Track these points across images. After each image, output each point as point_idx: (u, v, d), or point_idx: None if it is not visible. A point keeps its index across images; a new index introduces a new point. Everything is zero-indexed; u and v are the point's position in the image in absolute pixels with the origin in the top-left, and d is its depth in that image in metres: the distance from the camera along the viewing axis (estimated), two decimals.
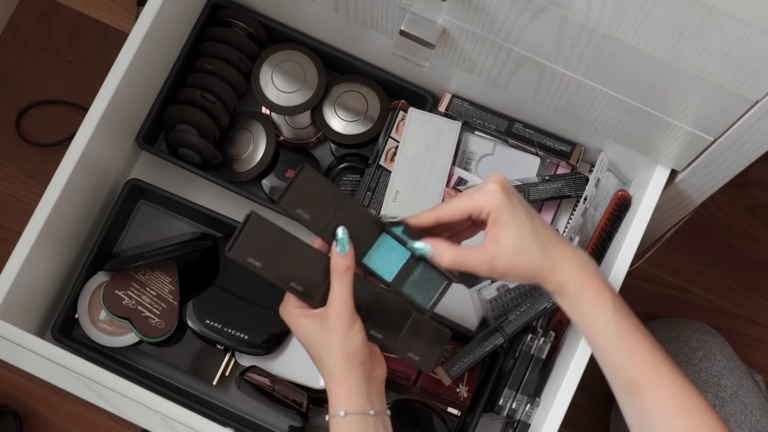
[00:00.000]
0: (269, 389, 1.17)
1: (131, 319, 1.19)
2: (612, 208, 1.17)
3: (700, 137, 1.00)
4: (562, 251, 0.91)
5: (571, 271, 0.90)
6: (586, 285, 0.90)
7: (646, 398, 0.88)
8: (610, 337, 0.90)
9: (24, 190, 1.52)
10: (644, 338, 0.91)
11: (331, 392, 0.90)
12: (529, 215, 0.91)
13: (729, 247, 1.59)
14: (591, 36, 0.90)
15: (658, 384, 0.89)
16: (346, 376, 0.89)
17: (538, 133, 1.20)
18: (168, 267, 1.21)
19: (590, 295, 0.90)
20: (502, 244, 0.89)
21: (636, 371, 0.89)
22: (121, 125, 1.20)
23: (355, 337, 0.89)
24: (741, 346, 1.51)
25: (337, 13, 1.11)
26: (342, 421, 0.88)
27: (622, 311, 0.91)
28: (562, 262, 0.90)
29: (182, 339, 1.23)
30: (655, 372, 0.89)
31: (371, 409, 0.89)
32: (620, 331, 0.90)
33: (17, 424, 1.44)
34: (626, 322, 0.91)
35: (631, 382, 0.89)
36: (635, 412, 0.90)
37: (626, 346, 0.90)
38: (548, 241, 0.91)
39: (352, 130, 1.25)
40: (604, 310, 0.90)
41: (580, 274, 0.90)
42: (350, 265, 0.90)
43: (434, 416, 1.17)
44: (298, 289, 0.91)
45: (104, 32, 1.56)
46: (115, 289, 1.19)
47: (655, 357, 0.90)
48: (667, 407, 0.88)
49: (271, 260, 0.89)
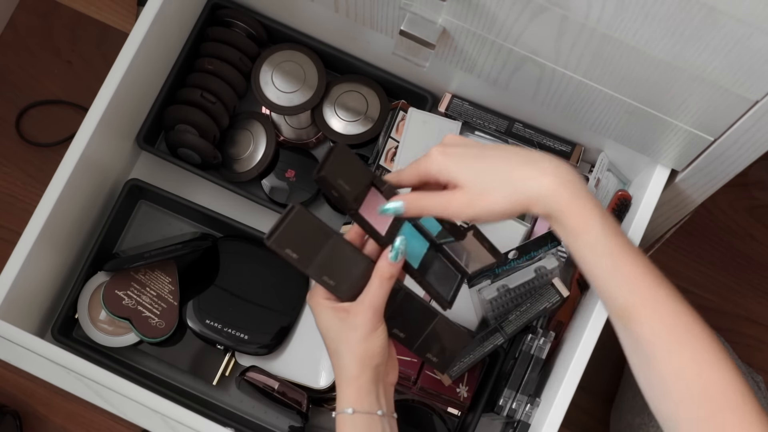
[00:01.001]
0: (269, 389, 1.17)
1: (131, 319, 1.19)
2: (612, 208, 1.17)
3: (700, 137, 1.00)
4: (530, 173, 0.84)
5: (549, 189, 0.83)
6: (568, 203, 0.83)
7: (641, 326, 0.82)
8: (598, 260, 0.83)
9: (24, 190, 1.52)
10: (636, 260, 0.82)
11: (340, 389, 0.89)
12: (477, 155, 0.86)
13: (729, 247, 1.59)
14: (591, 36, 0.90)
15: (653, 311, 0.82)
16: (359, 376, 0.89)
17: (538, 133, 1.20)
18: (168, 267, 1.21)
19: (574, 214, 0.83)
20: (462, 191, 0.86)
21: (629, 297, 0.82)
22: (121, 125, 1.20)
23: (377, 340, 0.89)
24: (741, 346, 1.51)
25: (337, 13, 1.11)
26: (349, 419, 0.88)
27: (611, 230, 0.83)
28: (536, 183, 0.83)
29: (182, 339, 1.23)
30: (650, 298, 0.82)
31: (379, 409, 0.89)
32: (609, 252, 0.82)
33: (17, 424, 1.44)
34: (616, 241, 0.82)
35: (624, 309, 0.82)
36: (631, 341, 0.83)
37: (617, 270, 0.83)
38: (510, 169, 0.85)
39: (352, 130, 1.25)
40: (589, 229, 0.82)
41: (559, 191, 0.83)
42: (395, 274, 0.89)
43: (434, 416, 1.17)
44: (330, 284, 0.90)
45: (104, 32, 1.56)
46: (115, 289, 1.19)
47: (650, 281, 0.82)
48: (664, 336, 0.81)
49: (307, 253, 0.89)
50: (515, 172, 0.85)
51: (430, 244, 0.94)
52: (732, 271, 1.59)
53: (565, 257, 1.18)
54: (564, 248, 1.16)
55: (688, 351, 0.80)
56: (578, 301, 1.18)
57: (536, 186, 0.84)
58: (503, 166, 0.86)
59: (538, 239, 1.16)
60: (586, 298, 1.17)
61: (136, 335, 1.20)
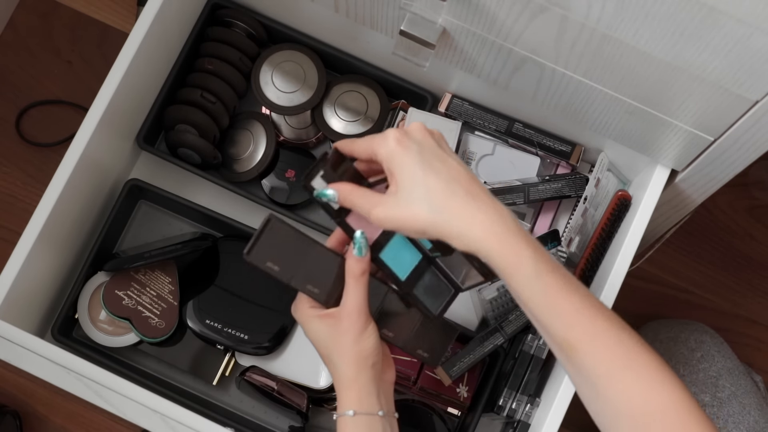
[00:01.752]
0: (269, 389, 1.17)
1: (131, 319, 1.19)
2: (612, 208, 1.17)
3: (700, 137, 1.00)
4: (462, 211, 0.82)
5: (477, 235, 0.82)
6: (500, 242, 0.81)
7: (584, 357, 0.81)
8: (534, 297, 0.82)
9: (24, 190, 1.52)
10: (572, 293, 0.82)
11: (340, 392, 0.90)
12: (425, 166, 0.83)
13: (729, 247, 1.59)
14: (591, 36, 0.90)
15: (594, 341, 0.81)
16: (357, 378, 0.89)
17: (538, 133, 1.20)
18: (168, 267, 1.21)
19: (505, 255, 0.81)
20: (389, 195, 0.84)
21: (569, 332, 0.82)
22: (121, 125, 1.20)
23: (368, 339, 0.89)
24: (741, 346, 1.51)
25: (337, 13, 1.11)
26: (350, 421, 0.88)
27: (543, 267, 0.82)
28: (465, 223, 0.82)
29: (182, 339, 1.23)
30: (590, 329, 0.81)
31: (380, 410, 0.89)
32: (543, 290, 0.82)
33: (17, 424, 1.44)
34: (549, 278, 0.82)
35: (565, 342, 0.82)
36: (576, 372, 0.83)
37: (554, 306, 0.82)
38: (448, 194, 0.82)
39: (352, 130, 1.25)
40: (521, 269, 0.81)
41: (487, 237, 0.82)
42: (366, 268, 0.89)
43: (434, 416, 1.17)
44: (314, 292, 0.91)
45: (104, 32, 1.56)
46: (115, 289, 1.19)
47: (587, 313, 0.82)
48: (607, 363, 0.81)
49: (288, 263, 0.89)
50: (451, 201, 0.83)
51: (423, 256, 0.93)
52: (732, 271, 1.59)
53: (565, 257, 1.18)
54: (564, 249, 1.16)
55: (632, 376, 0.80)
56: None
57: (465, 225, 0.82)
58: (443, 186, 0.83)
59: (538, 239, 1.16)
60: None
61: (136, 335, 1.20)
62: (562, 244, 1.16)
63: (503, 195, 1.16)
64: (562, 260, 1.17)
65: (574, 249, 1.17)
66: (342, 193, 0.87)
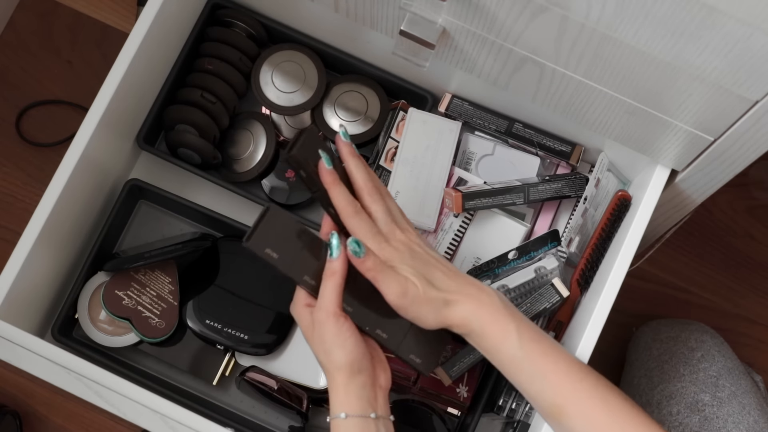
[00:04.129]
0: (269, 389, 1.17)
1: (131, 319, 1.19)
2: (612, 208, 1.17)
3: (700, 137, 1.00)
4: (460, 295, 0.91)
5: (471, 311, 0.90)
6: (487, 320, 0.90)
7: (573, 420, 0.87)
8: (520, 368, 0.89)
9: (24, 190, 1.52)
10: (558, 360, 0.89)
11: (331, 395, 0.90)
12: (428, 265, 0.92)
13: (729, 247, 1.59)
14: (591, 36, 0.90)
15: (580, 402, 0.87)
16: (344, 382, 0.90)
17: (538, 133, 1.20)
18: (168, 267, 1.21)
19: (492, 330, 0.90)
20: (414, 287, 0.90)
21: (556, 398, 0.88)
22: (121, 125, 1.20)
23: (345, 343, 0.89)
24: (741, 346, 1.51)
25: (337, 13, 1.11)
26: (342, 423, 0.89)
27: (527, 338, 0.89)
28: (462, 304, 0.90)
29: (182, 339, 1.23)
30: (576, 392, 0.88)
31: (372, 412, 0.89)
32: (529, 358, 0.89)
33: (17, 424, 1.44)
34: (534, 347, 0.89)
35: (554, 407, 0.88)
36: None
37: (539, 372, 0.89)
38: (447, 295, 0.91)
39: (352, 130, 1.25)
40: (508, 341, 0.89)
41: (479, 312, 0.90)
42: (338, 269, 0.90)
43: (434, 416, 1.17)
44: (311, 284, 0.91)
45: (104, 32, 1.56)
46: (115, 289, 1.19)
47: (572, 376, 0.88)
48: (597, 424, 0.87)
49: (287, 253, 0.90)
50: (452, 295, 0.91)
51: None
52: (732, 271, 1.59)
53: (565, 257, 1.18)
54: (564, 249, 1.16)
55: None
56: (578, 301, 1.18)
57: (461, 308, 0.90)
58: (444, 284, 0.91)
59: (538, 239, 1.16)
60: (586, 298, 1.17)
61: (136, 335, 1.20)
62: (562, 244, 1.16)
63: (503, 195, 1.16)
64: (562, 260, 1.17)
65: (574, 249, 1.17)
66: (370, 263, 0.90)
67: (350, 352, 0.89)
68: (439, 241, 1.19)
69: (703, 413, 1.21)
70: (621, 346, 1.46)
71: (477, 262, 1.19)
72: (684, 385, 1.24)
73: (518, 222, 1.19)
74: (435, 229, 1.19)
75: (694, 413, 1.21)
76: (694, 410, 1.21)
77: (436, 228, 1.19)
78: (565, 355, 0.90)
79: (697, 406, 1.21)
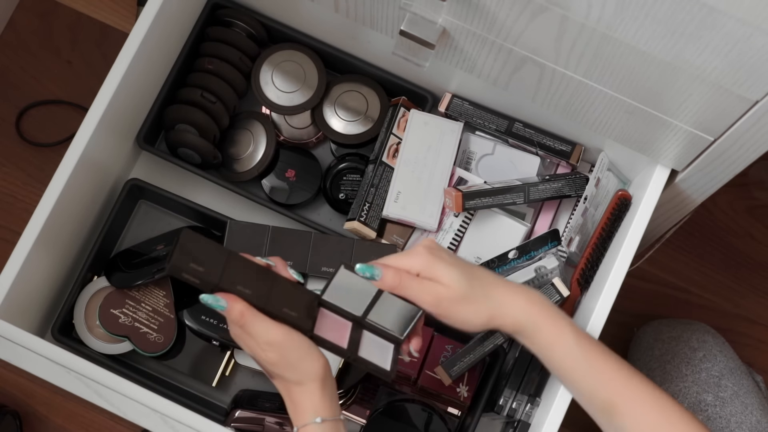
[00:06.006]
0: (258, 429, 1.16)
1: (129, 336, 1.19)
2: (612, 208, 1.17)
3: (700, 137, 1.00)
4: (506, 291, 0.92)
5: (523, 307, 0.91)
6: (541, 317, 0.91)
7: (624, 418, 0.89)
8: (576, 363, 0.91)
9: (24, 190, 1.52)
10: (609, 357, 0.91)
11: (301, 403, 0.90)
12: (464, 265, 0.92)
13: (729, 247, 1.59)
14: (591, 36, 0.90)
15: (632, 400, 0.89)
16: (321, 387, 0.90)
17: (538, 133, 1.20)
18: (162, 280, 1.21)
19: (547, 326, 0.91)
20: (447, 289, 0.90)
21: (609, 391, 0.90)
22: (121, 125, 1.20)
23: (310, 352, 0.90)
24: (741, 346, 1.51)
25: (337, 13, 1.11)
26: (318, 428, 0.89)
27: (582, 335, 0.92)
28: (511, 301, 0.92)
29: (181, 351, 1.23)
30: (628, 388, 0.90)
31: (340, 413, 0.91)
32: (585, 355, 0.91)
33: (17, 424, 1.44)
34: (588, 344, 0.91)
35: (606, 403, 0.90)
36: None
37: (594, 369, 0.91)
38: (490, 285, 0.92)
39: (352, 130, 1.25)
40: (564, 337, 0.91)
41: (532, 309, 0.92)
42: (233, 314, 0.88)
43: (434, 416, 1.17)
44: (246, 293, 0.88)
45: (104, 32, 1.56)
46: (110, 308, 1.19)
47: (624, 373, 0.90)
48: (646, 422, 0.89)
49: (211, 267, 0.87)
50: (496, 289, 0.92)
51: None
52: (732, 271, 1.59)
53: (565, 257, 1.18)
54: (564, 248, 1.16)
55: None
56: (578, 301, 1.18)
57: (511, 305, 0.91)
58: (486, 279, 0.92)
59: (538, 239, 1.16)
60: (587, 297, 1.17)
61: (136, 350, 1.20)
62: (562, 243, 1.16)
63: (503, 194, 1.16)
64: (562, 260, 1.17)
65: (574, 249, 1.17)
66: (391, 275, 0.91)
67: (319, 357, 0.90)
68: (439, 241, 1.19)
69: (706, 413, 1.21)
70: (621, 346, 1.45)
71: (477, 262, 1.19)
72: (686, 385, 1.24)
73: (518, 221, 1.19)
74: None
75: (697, 413, 1.21)
76: (697, 410, 1.21)
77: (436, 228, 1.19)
78: (613, 353, 0.92)
79: (699, 406, 1.21)
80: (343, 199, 1.25)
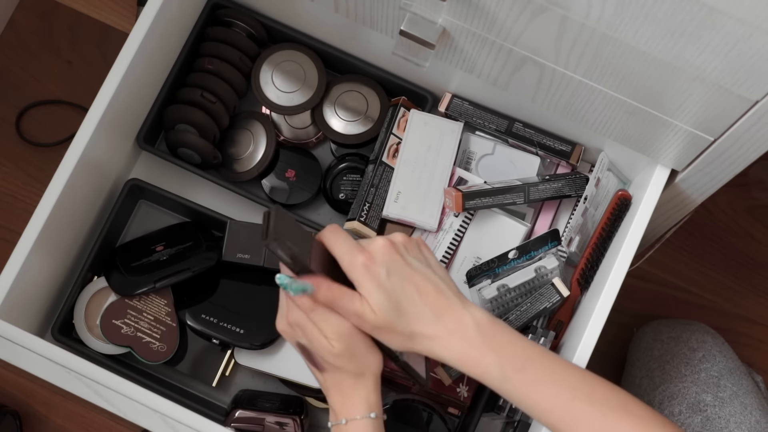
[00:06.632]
0: (258, 429, 1.16)
1: (132, 346, 1.18)
2: (612, 208, 1.17)
3: (700, 137, 1.00)
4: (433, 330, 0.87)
5: (446, 347, 0.88)
6: (463, 356, 0.87)
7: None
8: (509, 396, 0.88)
9: (24, 190, 1.52)
10: (545, 385, 0.87)
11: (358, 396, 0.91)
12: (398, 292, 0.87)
13: (729, 247, 1.59)
14: (591, 36, 0.90)
15: (575, 425, 0.86)
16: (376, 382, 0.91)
17: (538, 133, 1.20)
18: (162, 289, 1.21)
19: (470, 365, 0.87)
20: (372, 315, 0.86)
21: (550, 421, 0.88)
22: (121, 125, 1.20)
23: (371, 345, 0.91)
24: (741, 347, 1.51)
25: (337, 13, 1.11)
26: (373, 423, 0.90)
27: (511, 368, 0.87)
28: (434, 343, 0.88)
29: (183, 358, 1.23)
30: (569, 414, 0.86)
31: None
32: (516, 389, 0.87)
33: (17, 424, 1.44)
34: (520, 378, 0.87)
35: (553, 428, 0.88)
36: None
37: (530, 401, 0.87)
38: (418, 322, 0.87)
39: (352, 130, 1.25)
40: (489, 376, 0.87)
41: (456, 348, 0.87)
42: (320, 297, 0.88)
43: (434, 416, 1.17)
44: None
45: (104, 32, 1.56)
46: (112, 318, 1.19)
47: (563, 398, 0.87)
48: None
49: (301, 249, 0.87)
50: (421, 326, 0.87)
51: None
52: (732, 271, 1.59)
53: (565, 257, 1.18)
54: (564, 248, 1.16)
55: None
56: (578, 301, 1.18)
57: (434, 345, 0.88)
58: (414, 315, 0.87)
59: (539, 239, 1.16)
60: (587, 297, 1.17)
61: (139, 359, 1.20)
62: (562, 243, 1.16)
63: (503, 194, 1.16)
64: (562, 260, 1.17)
65: (574, 249, 1.17)
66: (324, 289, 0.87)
67: (379, 353, 0.90)
68: (439, 241, 1.19)
69: (705, 413, 1.21)
70: (621, 346, 1.46)
71: (477, 262, 1.19)
72: (686, 385, 1.24)
73: (518, 221, 1.19)
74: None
75: (696, 413, 1.21)
76: (696, 410, 1.21)
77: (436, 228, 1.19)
78: (558, 374, 0.88)
79: (699, 407, 1.21)
80: (343, 199, 1.25)
